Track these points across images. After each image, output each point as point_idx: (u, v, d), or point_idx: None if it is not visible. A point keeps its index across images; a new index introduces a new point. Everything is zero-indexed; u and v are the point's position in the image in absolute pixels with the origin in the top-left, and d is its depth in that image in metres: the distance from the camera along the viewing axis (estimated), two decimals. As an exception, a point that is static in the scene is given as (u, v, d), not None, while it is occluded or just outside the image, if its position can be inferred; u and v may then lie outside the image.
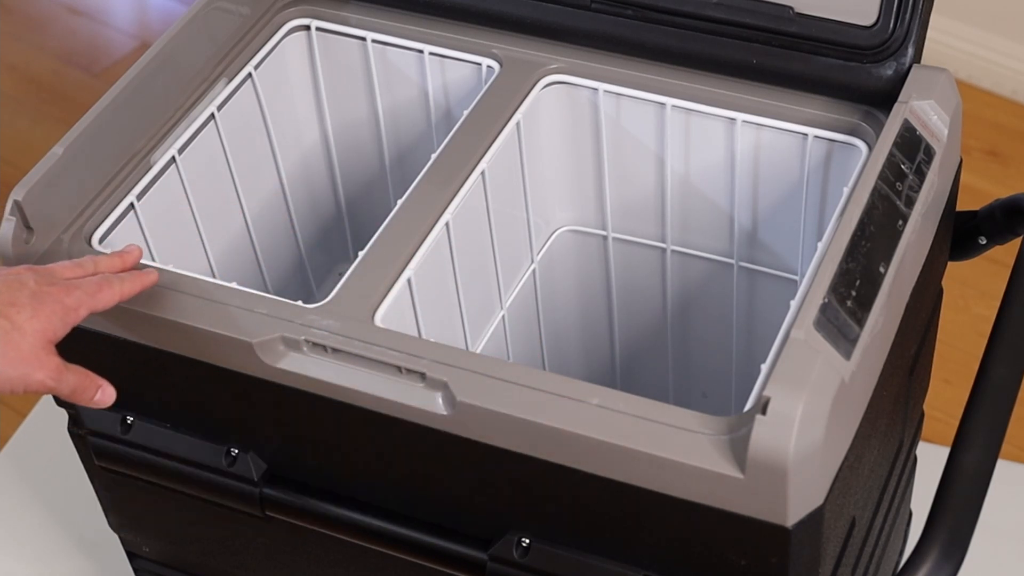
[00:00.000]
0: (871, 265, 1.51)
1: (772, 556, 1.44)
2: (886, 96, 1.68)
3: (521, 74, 1.81)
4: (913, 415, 1.93)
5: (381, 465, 1.59)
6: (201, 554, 1.86)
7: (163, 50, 1.79)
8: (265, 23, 1.90)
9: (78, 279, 1.50)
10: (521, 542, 1.56)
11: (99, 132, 1.71)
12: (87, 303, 1.46)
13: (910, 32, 1.67)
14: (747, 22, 1.73)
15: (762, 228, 1.88)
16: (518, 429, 1.47)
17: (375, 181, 2.06)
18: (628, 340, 2.08)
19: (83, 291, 1.46)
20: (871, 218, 1.54)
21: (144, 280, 1.55)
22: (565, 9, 1.80)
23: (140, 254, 1.60)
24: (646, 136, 1.85)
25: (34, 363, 1.40)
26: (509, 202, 1.87)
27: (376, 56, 1.91)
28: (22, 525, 2.21)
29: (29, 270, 1.47)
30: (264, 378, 1.57)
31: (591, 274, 2.02)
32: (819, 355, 1.40)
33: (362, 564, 1.70)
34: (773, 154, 1.79)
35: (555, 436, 1.45)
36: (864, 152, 1.69)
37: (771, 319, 1.93)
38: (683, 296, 2.00)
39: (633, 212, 1.95)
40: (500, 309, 1.93)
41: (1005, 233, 1.78)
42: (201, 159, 1.82)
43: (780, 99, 1.75)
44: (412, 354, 1.51)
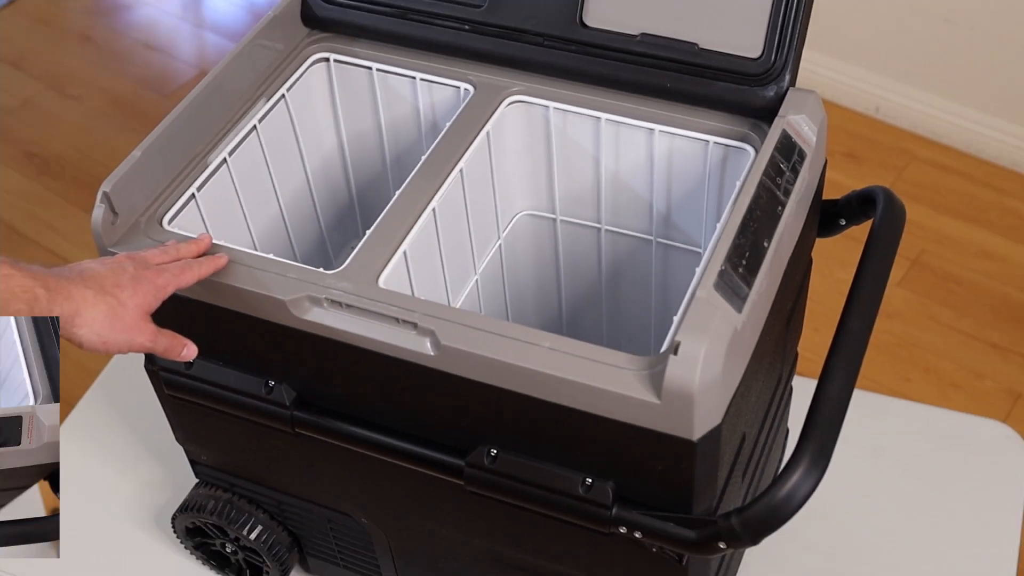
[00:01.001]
0: (757, 241, 1.51)
1: (682, 463, 1.44)
2: (769, 112, 1.68)
3: (490, 95, 1.80)
4: (790, 355, 1.93)
5: (383, 394, 1.59)
6: (245, 462, 1.85)
7: (217, 77, 1.78)
8: (295, 56, 1.89)
9: (165, 263, 1.52)
10: (490, 452, 1.56)
11: (167, 139, 1.70)
12: (173, 283, 1.50)
13: (787, 62, 1.67)
14: (662, 55, 1.72)
15: (674, 212, 1.88)
16: (488, 366, 1.47)
17: (379, 177, 2.05)
18: (572, 298, 2.08)
19: (170, 273, 1.50)
20: (757, 205, 1.54)
21: (216, 263, 1.56)
22: (524, 46, 1.79)
23: (211, 240, 1.61)
24: (585, 142, 1.84)
25: (135, 330, 1.44)
26: (481, 193, 1.86)
27: (379, 81, 1.90)
28: (110, 440, 2.21)
29: (128, 258, 1.50)
30: (294, 327, 1.56)
31: (544, 248, 2.02)
32: (717, 310, 1.40)
33: (369, 469, 1.69)
34: (682, 156, 1.79)
35: (516, 371, 1.45)
36: (752, 155, 1.69)
37: (681, 282, 1.92)
38: (614, 265, 2.00)
39: (576, 200, 1.94)
40: (474, 274, 1.92)
41: (859, 216, 1.78)
42: (246, 160, 1.81)
43: (688, 114, 1.74)
44: (407, 309, 1.51)
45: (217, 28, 4.39)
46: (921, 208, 3.48)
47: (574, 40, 1.76)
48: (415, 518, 1.76)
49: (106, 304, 1.41)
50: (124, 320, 1.43)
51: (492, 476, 1.56)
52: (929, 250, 3.39)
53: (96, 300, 1.41)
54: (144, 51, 4.27)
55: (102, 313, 1.41)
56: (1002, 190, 3.55)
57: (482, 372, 1.48)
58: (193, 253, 1.58)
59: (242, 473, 1.88)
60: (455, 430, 1.58)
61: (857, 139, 3.71)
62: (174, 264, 1.53)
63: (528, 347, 1.46)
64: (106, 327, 1.41)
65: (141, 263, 1.50)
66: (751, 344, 1.50)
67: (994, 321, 3.21)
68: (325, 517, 1.87)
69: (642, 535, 1.51)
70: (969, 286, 3.30)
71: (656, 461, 1.46)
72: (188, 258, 1.56)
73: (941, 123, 3.67)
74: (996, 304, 3.25)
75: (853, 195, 1.78)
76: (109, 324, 1.41)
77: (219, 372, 1.70)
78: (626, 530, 1.52)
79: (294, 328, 1.57)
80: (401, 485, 1.69)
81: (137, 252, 1.54)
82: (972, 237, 3.42)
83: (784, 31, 1.66)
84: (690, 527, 1.48)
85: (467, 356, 1.48)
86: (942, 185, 3.57)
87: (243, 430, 1.76)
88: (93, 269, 1.45)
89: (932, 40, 3.57)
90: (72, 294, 1.39)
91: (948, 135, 3.67)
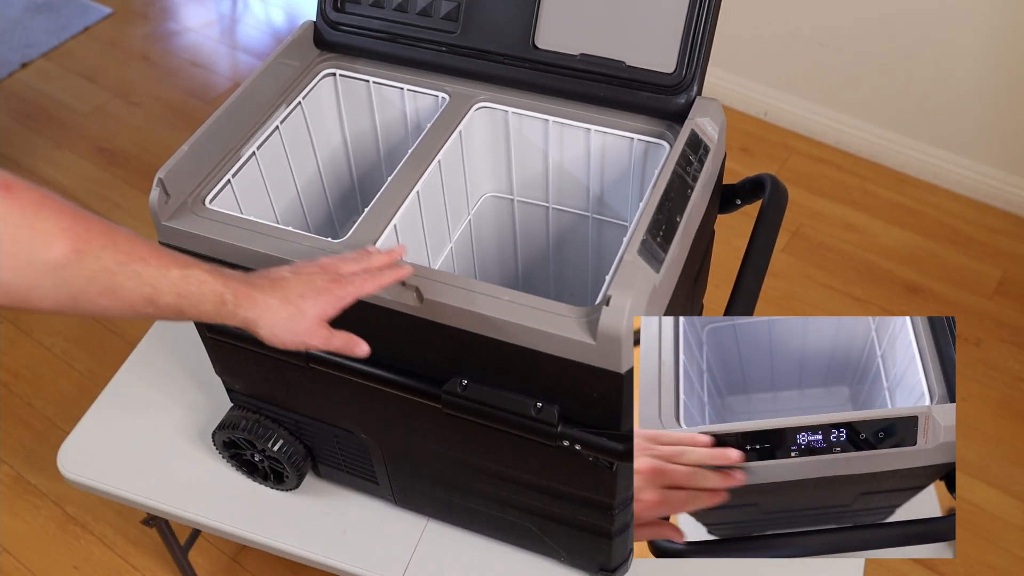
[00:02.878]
0: (671, 216, 1.50)
1: (612, 391, 1.44)
2: (680, 115, 1.67)
3: (462, 103, 1.79)
4: (697, 306, 1.93)
5: (378, 336, 1.58)
6: (270, 390, 1.84)
7: (247, 88, 1.76)
8: (309, 71, 1.87)
9: (355, 273, 1.42)
10: (462, 382, 1.55)
11: (209, 137, 1.68)
12: (354, 293, 1.40)
13: (695, 76, 1.66)
14: (597, 71, 1.71)
15: (606, 194, 1.87)
16: (461, 314, 1.46)
17: (374, 166, 2.03)
18: (526, 261, 2.07)
19: (354, 286, 1.40)
20: (671, 188, 1.53)
21: (399, 274, 1.46)
22: (488, 63, 1.77)
23: (404, 251, 1.51)
24: (537, 139, 1.83)
25: (308, 336, 1.36)
26: (455, 179, 1.85)
27: (375, 91, 1.89)
28: (165, 372, 2.20)
29: (322, 268, 1.41)
30: (308, 285, 1.55)
31: (504, 222, 2.01)
32: (640, 270, 1.40)
33: (367, 396, 1.68)
34: (613, 150, 1.78)
35: (483, 319, 1.45)
36: (667, 149, 1.68)
37: (611, 249, 1.92)
38: (559, 235, 1.99)
39: (529, 184, 1.93)
40: (449, 243, 1.91)
41: (751, 197, 1.78)
42: (271, 153, 1.80)
43: (617, 117, 1.73)
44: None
45: (247, 49, 4.36)
46: (800, 191, 3.49)
47: (528, 59, 1.75)
48: (403, 434, 1.75)
49: (287, 312, 1.34)
50: (301, 327, 1.35)
51: (463, 401, 1.56)
52: (806, 224, 3.39)
53: (278, 308, 1.34)
54: (191, 67, 4.24)
55: (282, 320, 1.34)
56: (864, 177, 3.56)
57: (456, 319, 1.48)
58: (385, 263, 1.47)
59: (267, 399, 1.87)
60: (434, 365, 1.57)
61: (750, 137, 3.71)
62: (361, 276, 1.42)
63: (492, 300, 1.45)
64: (283, 331, 1.34)
65: (332, 275, 1.40)
66: (666, 297, 1.49)
67: (857, 280, 3.22)
68: (333, 433, 1.86)
69: (581, 447, 1.51)
70: (837, 252, 3.31)
71: (592, 389, 1.45)
72: (378, 267, 1.46)
73: (816, 124, 3.67)
74: (859, 266, 3.26)
75: (747, 181, 1.78)
76: (287, 329, 1.34)
77: (249, 320, 1.69)
78: (568, 443, 1.52)
79: (308, 285, 1.56)
80: (392, 408, 1.69)
81: (335, 260, 1.44)
82: (840, 214, 3.43)
83: (693, 51, 1.66)
84: (619, 441, 1.48)
85: (444, 307, 1.47)
86: (817, 173, 3.57)
87: (268, 365, 1.75)
88: (285, 279, 1.37)
89: (810, 59, 3.57)
90: (257, 301, 1.32)
91: (822, 134, 3.68)
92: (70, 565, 2.64)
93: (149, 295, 1.22)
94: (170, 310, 1.25)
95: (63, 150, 3.84)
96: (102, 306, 1.19)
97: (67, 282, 1.14)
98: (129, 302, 1.20)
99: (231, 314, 1.31)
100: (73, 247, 1.13)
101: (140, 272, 1.20)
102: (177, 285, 1.24)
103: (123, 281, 1.19)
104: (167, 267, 1.24)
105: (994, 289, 3.20)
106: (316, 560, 1.91)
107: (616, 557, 1.79)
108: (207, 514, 1.98)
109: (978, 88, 3.30)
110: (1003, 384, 2.94)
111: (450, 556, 1.90)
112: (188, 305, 1.26)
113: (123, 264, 1.18)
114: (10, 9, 4.55)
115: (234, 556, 2.64)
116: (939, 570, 2.56)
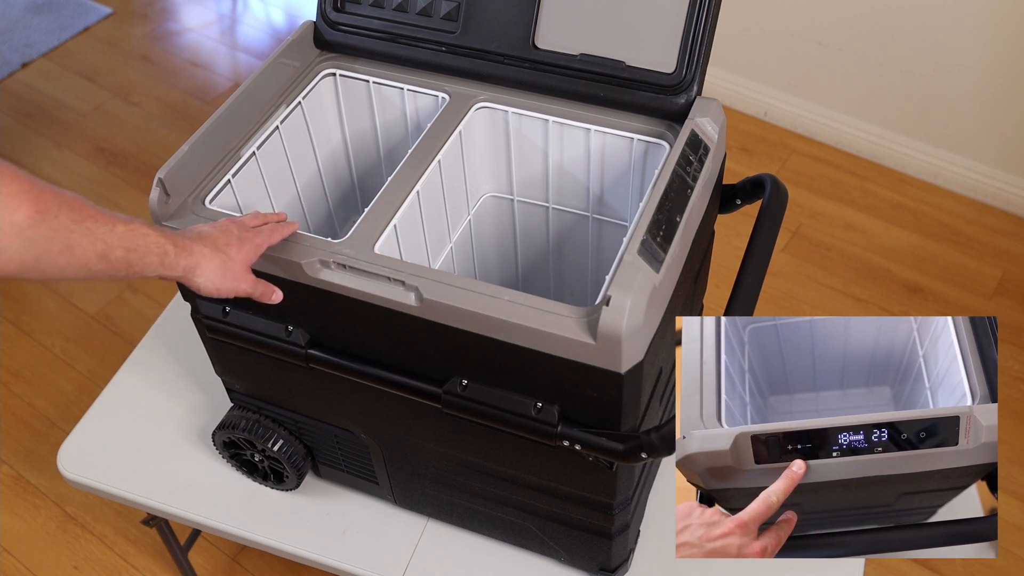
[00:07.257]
0: (671, 216, 1.50)
1: (612, 390, 1.44)
2: (681, 115, 1.67)
3: (461, 102, 1.79)
4: (697, 306, 1.92)
5: (378, 337, 1.58)
6: (269, 390, 1.84)
7: (248, 87, 1.76)
8: (309, 71, 1.87)
9: (259, 227, 1.55)
10: (461, 382, 1.55)
11: (209, 137, 1.69)
12: (266, 242, 1.53)
13: (695, 77, 1.66)
14: (597, 71, 1.71)
15: (606, 194, 1.87)
16: (461, 314, 1.46)
17: (374, 166, 2.03)
18: (526, 261, 2.07)
19: (264, 235, 1.53)
20: (671, 188, 1.53)
21: (293, 226, 1.58)
22: (488, 63, 1.77)
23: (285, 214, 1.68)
24: (536, 139, 1.83)
25: (240, 279, 1.49)
26: (455, 179, 1.85)
27: (375, 91, 1.89)
28: (165, 372, 2.20)
29: (232, 222, 1.54)
30: (308, 284, 1.56)
31: (504, 222, 2.01)
32: (640, 270, 1.40)
33: (367, 396, 1.68)
34: (612, 150, 1.78)
35: (483, 318, 1.45)
36: (667, 149, 1.68)
37: (611, 249, 1.92)
38: (559, 235, 1.99)
39: (529, 184, 1.93)
40: (449, 243, 1.91)
41: (751, 197, 1.77)
42: (271, 153, 1.80)
43: (617, 117, 1.73)
44: (397, 270, 1.50)
45: (247, 49, 4.36)
46: (800, 191, 3.48)
47: (527, 59, 1.75)
48: (403, 434, 1.75)
49: (219, 259, 1.46)
50: (233, 271, 1.47)
51: (463, 401, 1.56)
52: (806, 223, 3.39)
53: (212, 255, 1.45)
54: (190, 67, 4.24)
55: (216, 265, 1.45)
56: (864, 177, 3.55)
57: (456, 319, 1.47)
58: (274, 220, 1.60)
59: (267, 399, 1.87)
60: (434, 365, 1.57)
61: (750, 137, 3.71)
62: (265, 227, 1.55)
63: (492, 300, 1.45)
64: (219, 277, 1.46)
65: (242, 227, 1.53)
66: (666, 297, 1.49)
67: (856, 279, 3.22)
68: (332, 433, 1.86)
69: (581, 447, 1.51)
70: (837, 252, 3.31)
71: (592, 389, 1.45)
72: (273, 223, 1.58)
73: (816, 124, 3.67)
74: (858, 266, 3.26)
75: (747, 181, 1.77)
76: (222, 275, 1.46)
77: (249, 319, 1.69)
78: (568, 443, 1.52)
79: (308, 285, 1.56)
80: (392, 408, 1.69)
81: (237, 217, 1.57)
82: (839, 213, 3.43)
83: (693, 51, 1.65)
84: (618, 441, 1.48)
85: (444, 307, 1.47)
86: (816, 173, 3.57)
87: (268, 365, 1.75)
88: (206, 231, 1.49)
89: (809, 59, 3.57)
90: (193, 250, 1.43)
91: (822, 134, 3.67)
92: (70, 565, 2.64)
93: (101, 250, 1.29)
94: (120, 264, 1.32)
95: (63, 150, 3.84)
96: (60, 265, 1.25)
97: (33, 241, 1.21)
98: (83, 259, 1.27)
99: (173, 263, 1.40)
100: (35, 208, 1.20)
101: (92, 229, 1.28)
102: (124, 239, 1.32)
103: (78, 238, 1.26)
104: (113, 224, 1.31)
105: (994, 289, 3.20)
106: (316, 560, 1.91)
107: (616, 557, 1.79)
108: (207, 514, 1.98)
109: (978, 88, 3.30)
110: (1003, 384, 2.94)
111: (450, 556, 1.90)
112: (136, 258, 1.34)
113: (77, 222, 1.26)
114: (10, 9, 4.55)
115: (234, 556, 2.64)
116: (939, 570, 2.56)
